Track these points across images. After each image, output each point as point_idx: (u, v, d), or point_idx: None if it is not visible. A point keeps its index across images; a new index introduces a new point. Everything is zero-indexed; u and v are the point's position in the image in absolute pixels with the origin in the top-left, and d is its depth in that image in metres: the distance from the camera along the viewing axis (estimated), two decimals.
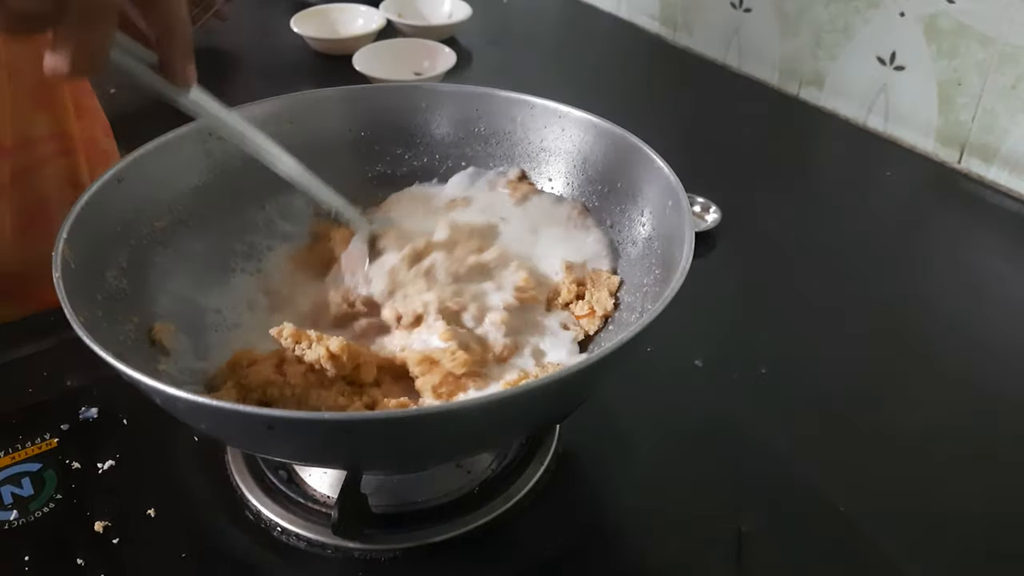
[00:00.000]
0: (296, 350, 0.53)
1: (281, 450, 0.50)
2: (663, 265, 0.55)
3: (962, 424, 0.65)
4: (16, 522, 0.54)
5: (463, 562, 0.53)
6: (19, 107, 0.72)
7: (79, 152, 0.77)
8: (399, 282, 0.58)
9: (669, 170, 0.57)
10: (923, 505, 0.58)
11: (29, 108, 0.73)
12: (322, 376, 0.52)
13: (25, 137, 0.73)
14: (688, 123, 1.09)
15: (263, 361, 0.53)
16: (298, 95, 0.66)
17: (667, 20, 1.29)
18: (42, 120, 0.74)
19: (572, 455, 0.60)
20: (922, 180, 0.97)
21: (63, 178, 0.76)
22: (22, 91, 0.71)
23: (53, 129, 0.75)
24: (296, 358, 0.53)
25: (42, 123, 0.74)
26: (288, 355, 0.53)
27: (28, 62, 0.71)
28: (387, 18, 1.26)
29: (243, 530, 0.55)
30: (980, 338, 0.73)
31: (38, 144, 0.74)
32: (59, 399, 0.62)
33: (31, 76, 0.72)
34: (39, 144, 0.74)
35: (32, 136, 0.74)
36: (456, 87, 0.69)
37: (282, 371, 0.53)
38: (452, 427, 0.43)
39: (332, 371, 0.52)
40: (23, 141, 0.73)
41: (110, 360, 0.43)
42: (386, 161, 0.69)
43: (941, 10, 0.94)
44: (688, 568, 0.54)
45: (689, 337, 0.70)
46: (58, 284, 0.47)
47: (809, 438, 0.63)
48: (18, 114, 0.72)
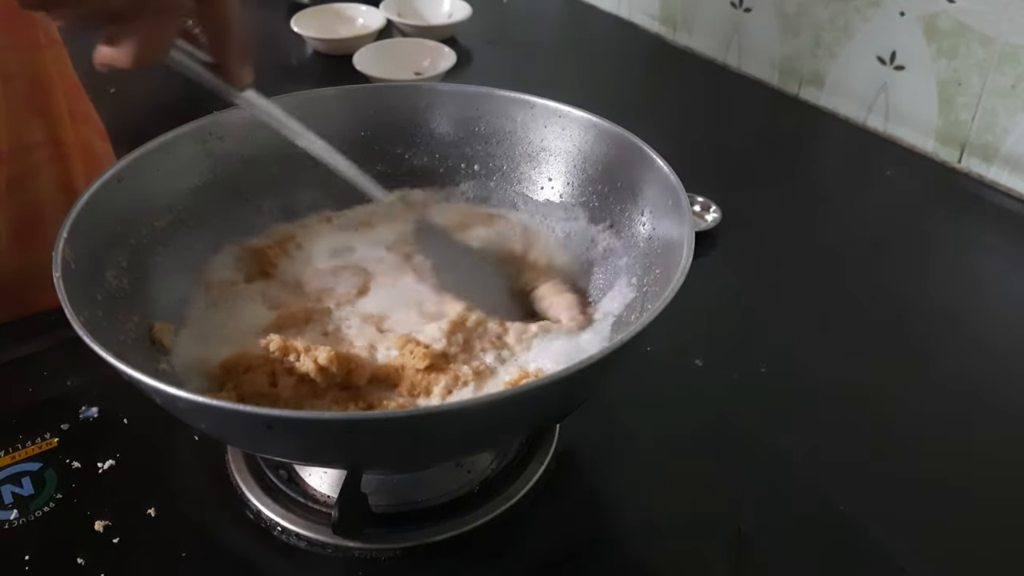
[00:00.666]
0: (285, 363, 0.52)
1: (281, 450, 0.50)
2: (663, 265, 0.55)
3: (962, 424, 0.65)
4: (16, 522, 0.54)
5: (463, 562, 0.53)
6: (13, 113, 0.71)
7: (74, 158, 0.77)
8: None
9: (669, 170, 0.57)
10: (923, 505, 0.58)
11: (23, 114, 0.72)
12: (314, 386, 0.52)
13: (20, 143, 0.73)
14: (688, 123, 1.09)
15: (257, 368, 0.53)
16: (298, 95, 0.66)
17: (667, 20, 1.29)
18: (36, 126, 0.74)
19: (572, 455, 0.60)
20: (922, 180, 0.97)
21: (58, 185, 0.76)
22: (16, 97, 0.71)
23: (47, 135, 0.75)
24: (286, 369, 0.52)
25: (36, 129, 0.74)
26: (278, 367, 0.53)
27: (21, 67, 0.71)
28: (387, 18, 1.26)
29: (243, 530, 0.55)
30: (980, 338, 0.74)
31: (32, 150, 0.74)
32: (59, 399, 0.62)
33: (25, 82, 0.71)
34: (34, 150, 0.74)
35: (27, 142, 0.73)
36: (456, 87, 0.69)
37: (275, 383, 0.52)
38: (452, 427, 0.43)
39: (323, 383, 0.52)
40: (18, 147, 0.72)
41: (110, 360, 0.43)
42: (386, 161, 0.69)
43: (941, 10, 0.94)
44: (688, 568, 0.54)
45: (689, 337, 0.70)
46: (58, 284, 0.47)
47: (809, 438, 0.63)
48: (12, 120, 0.71)
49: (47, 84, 0.74)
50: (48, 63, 0.74)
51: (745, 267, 0.82)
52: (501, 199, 0.68)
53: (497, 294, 0.61)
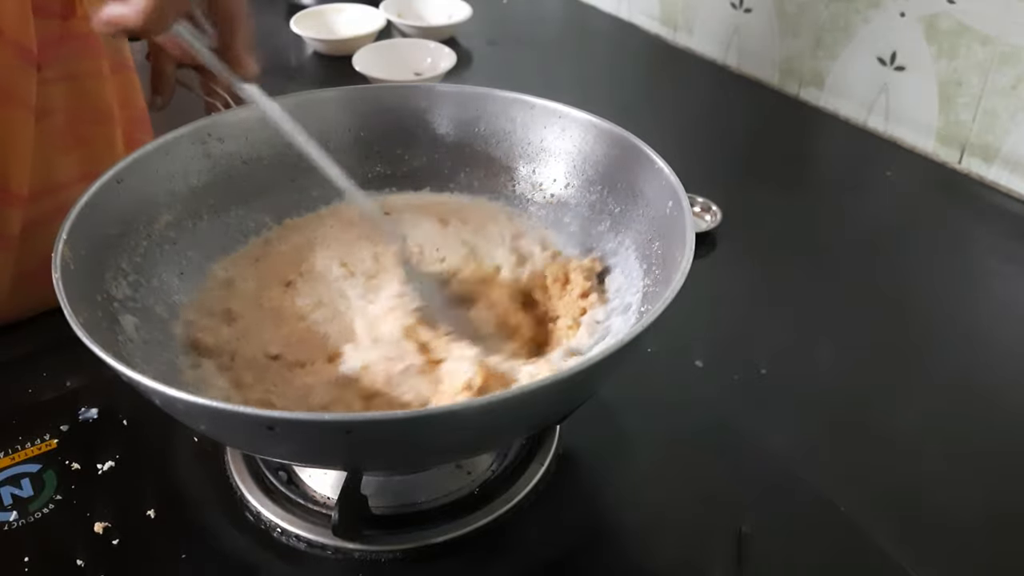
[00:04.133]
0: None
1: (281, 451, 0.50)
2: (663, 265, 0.55)
3: (962, 424, 0.65)
4: (16, 523, 0.54)
5: (463, 563, 0.53)
6: (45, 152, 0.66)
7: None
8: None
9: (669, 170, 0.57)
10: (923, 505, 0.58)
11: (58, 150, 0.67)
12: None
13: (45, 185, 0.67)
14: (688, 123, 1.09)
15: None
16: (298, 95, 0.66)
17: (667, 20, 1.29)
18: (71, 162, 0.68)
19: (572, 455, 0.60)
20: (922, 180, 0.97)
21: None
22: (50, 134, 0.66)
23: (84, 170, 0.69)
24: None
25: (71, 165, 0.68)
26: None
27: (67, 100, 0.67)
28: (387, 18, 1.26)
29: (243, 531, 0.55)
30: (980, 338, 0.73)
31: (61, 191, 0.68)
32: (59, 399, 0.62)
33: (65, 116, 0.67)
34: (62, 190, 0.68)
35: (55, 182, 0.68)
36: (456, 87, 0.68)
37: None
38: (452, 427, 0.43)
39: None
40: (42, 190, 0.67)
41: (110, 360, 0.43)
42: (386, 161, 0.69)
43: (941, 10, 0.94)
44: (688, 568, 0.54)
45: (689, 337, 0.70)
46: (57, 285, 0.47)
47: (809, 438, 0.63)
48: (42, 160, 0.66)
49: (97, 116, 0.69)
50: (107, 93, 0.69)
51: (745, 267, 0.82)
52: (501, 200, 0.68)
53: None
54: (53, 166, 0.68)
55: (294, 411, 0.51)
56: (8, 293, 0.68)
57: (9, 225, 0.66)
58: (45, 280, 0.47)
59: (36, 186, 0.67)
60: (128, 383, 0.43)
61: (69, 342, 0.44)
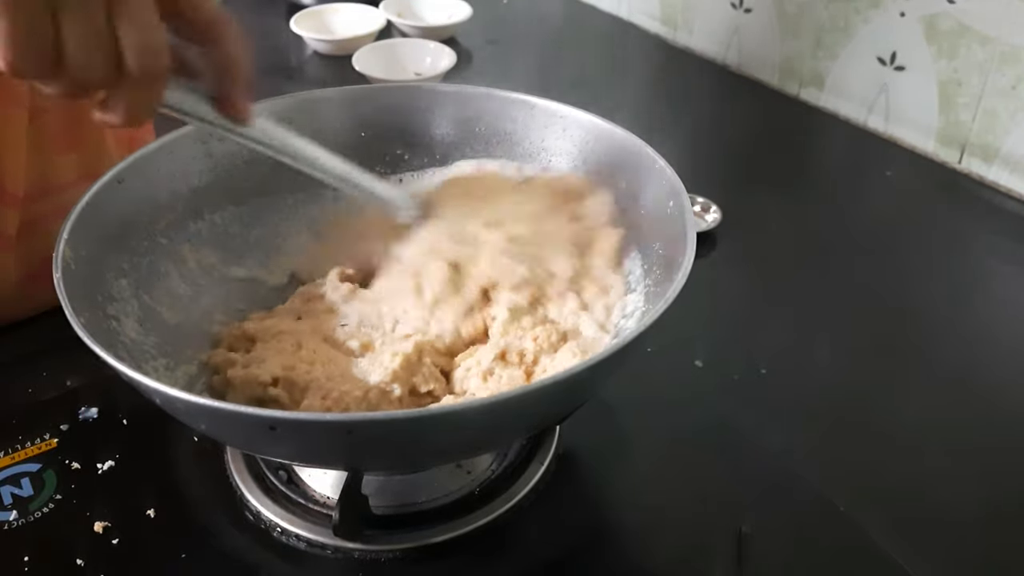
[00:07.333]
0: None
1: (282, 451, 0.50)
2: (664, 265, 0.55)
3: (962, 424, 0.65)
4: (16, 522, 0.54)
5: (464, 563, 0.53)
6: (41, 152, 0.65)
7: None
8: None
9: (670, 170, 0.57)
10: (923, 504, 0.58)
11: (55, 150, 0.66)
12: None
13: (43, 186, 0.66)
14: (688, 123, 1.09)
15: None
16: (298, 95, 0.66)
17: (667, 20, 1.29)
18: (69, 162, 0.68)
19: (572, 455, 0.60)
20: (922, 180, 0.97)
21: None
22: (46, 133, 0.65)
23: (83, 171, 0.68)
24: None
25: (68, 166, 0.68)
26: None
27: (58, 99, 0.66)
28: (387, 18, 1.26)
29: (243, 530, 0.55)
30: (980, 338, 0.73)
31: (58, 192, 0.67)
32: (59, 399, 0.62)
33: (60, 116, 0.66)
34: (60, 192, 0.67)
35: (53, 183, 0.67)
36: (456, 87, 0.68)
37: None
38: (452, 427, 0.43)
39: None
40: (39, 190, 0.66)
41: (110, 361, 0.43)
42: (386, 161, 0.69)
43: (941, 10, 0.94)
44: (688, 568, 0.54)
45: (689, 337, 0.70)
46: (58, 285, 0.47)
47: (809, 438, 0.63)
48: (38, 160, 0.65)
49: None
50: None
51: (745, 267, 0.82)
52: None
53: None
54: (50, 166, 0.67)
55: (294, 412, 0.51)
56: (11, 294, 0.68)
57: (5, 225, 0.66)
58: (46, 281, 0.47)
59: (33, 186, 0.66)
60: (128, 383, 0.43)
61: (69, 342, 0.44)
